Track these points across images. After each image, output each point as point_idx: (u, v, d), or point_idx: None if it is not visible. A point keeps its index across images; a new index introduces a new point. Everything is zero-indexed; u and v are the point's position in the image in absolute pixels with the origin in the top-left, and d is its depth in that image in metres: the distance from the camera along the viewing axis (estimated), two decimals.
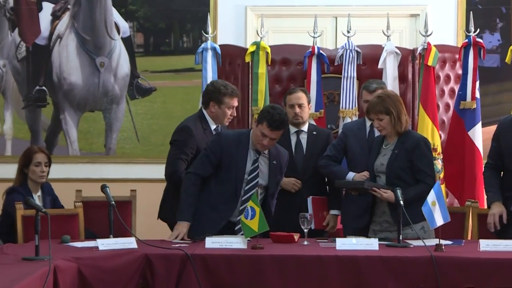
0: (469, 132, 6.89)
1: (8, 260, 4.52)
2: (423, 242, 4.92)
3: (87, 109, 8.36)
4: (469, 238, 5.82)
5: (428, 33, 6.94)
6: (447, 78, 7.19)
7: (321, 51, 6.90)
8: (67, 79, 8.31)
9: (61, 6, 8.31)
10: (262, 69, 6.88)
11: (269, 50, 6.92)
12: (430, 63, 6.80)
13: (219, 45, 7.12)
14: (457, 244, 5.19)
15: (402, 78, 6.98)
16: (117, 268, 4.72)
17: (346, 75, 6.84)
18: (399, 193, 5.16)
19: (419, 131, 6.61)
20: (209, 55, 6.97)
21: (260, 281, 4.73)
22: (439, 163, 6.76)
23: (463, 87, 6.90)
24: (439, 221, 4.94)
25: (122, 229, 5.38)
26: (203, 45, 7.04)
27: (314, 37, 6.97)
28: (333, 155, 6.02)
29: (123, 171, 8.20)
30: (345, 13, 7.23)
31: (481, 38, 7.46)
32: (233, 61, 7.16)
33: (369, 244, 4.95)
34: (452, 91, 7.18)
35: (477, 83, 6.90)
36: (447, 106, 7.18)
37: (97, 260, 4.70)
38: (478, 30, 7.01)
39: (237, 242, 4.98)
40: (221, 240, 5.00)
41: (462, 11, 8.12)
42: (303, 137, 6.17)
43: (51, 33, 8.31)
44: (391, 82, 6.79)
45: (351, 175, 5.86)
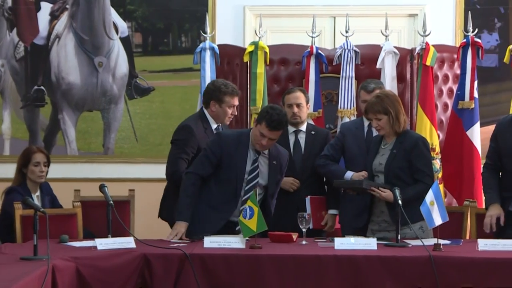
0: (467, 132, 6.89)
1: (6, 259, 4.51)
2: (422, 241, 4.92)
3: (86, 108, 8.35)
4: (467, 237, 5.83)
5: (427, 33, 6.94)
6: (446, 78, 7.19)
7: (319, 51, 6.90)
8: (66, 79, 8.31)
9: (59, 6, 8.30)
10: (261, 69, 6.87)
11: (267, 50, 6.91)
12: (428, 63, 6.80)
13: (218, 45, 7.11)
14: (455, 244, 5.19)
15: (401, 78, 6.98)
16: (115, 268, 4.72)
17: (344, 75, 6.84)
18: (398, 192, 5.17)
19: (417, 131, 6.61)
20: (208, 55, 6.97)
21: (259, 280, 4.73)
22: (437, 163, 6.76)
23: (462, 87, 6.90)
24: (438, 220, 4.94)
25: (120, 229, 5.38)
26: (201, 45, 7.03)
27: (312, 37, 6.98)
28: (331, 154, 6.02)
29: (121, 170, 8.19)
30: (344, 13, 7.22)
31: (479, 38, 7.45)
32: (232, 61, 7.16)
33: (367, 244, 4.95)
34: (451, 91, 7.18)
35: (475, 83, 6.90)
36: (446, 106, 7.18)
37: (96, 260, 4.70)
38: (477, 30, 7.01)
39: (235, 242, 4.97)
40: (219, 240, 5.00)
41: (461, 11, 8.13)
42: (302, 137, 6.16)
43: (50, 33, 8.30)
44: (389, 82, 6.80)
45: (349, 174, 5.86)
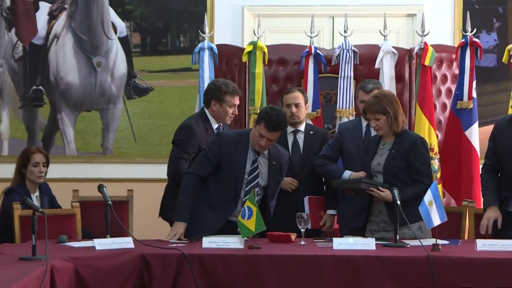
0: (466, 132, 6.89)
1: (5, 260, 4.51)
2: (420, 242, 4.92)
3: (84, 109, 8.35)
4: (466, 238, 5.83)
5: (425, 33, 6.94)
6: (444, 78, 7.20)
7: (318, 51, 6.90)
8: (64, 78, 8.30)
9: (58, 5, 8.30)
10: (259, 69, 6.87)
11: (266, 50, 6.91)
12: (427, 63, 6.80)
13: (216, 45, 7.11)
14: (454, 244, 5.19)
15: (399, 78, 6.98)
16: (114, 268, 4.72)
17: (343, 75, 6.84)
18: (396, 193, 5.16)
19: (416, 131, 6.61)
20: (206, 54, 6.96)
21: (257, 281, 4.73)
22: (436, 163, 6.76)
23: (460, 87, 6.90)
24: (436, 221, 4.94)
25: (119, 229, 5.37)
26: (200, 45, 7.03)
27: (311, 37, 6.97)
28: (329, 154, 6.00)
29: (120, 171, 8.19)
30: (342, 13, 7.22)
31: (478, 38, 7.46)
32: (230, 60, 7.16)
33: (366, 244, 4.94)
34: (449, 91, 7.18)
35: (474, 83, 6.90)
36: (444, 106, 7.18)
37: (94, 260, 4.70)
38: (475, 30, 7.02)
39: (234, 242, 4.97)
40: (218, 240, 4.99)
41: (459, 11, 8.12)
42: (300, 137, 6.16)
43: (48, 33, 8.30)
44: (388, 82, 6.80)
45: (347, 173, 5.84)
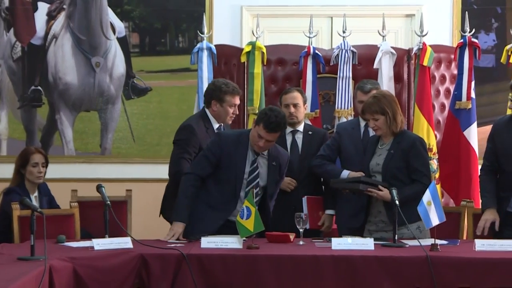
0: (464, 132, 6.89)
1: (3, 260, 4.51)
2: (419, 242, 4.92)
3: (83, 109, 8.35)
4: (464, 238, 5.83)
5: (424, 33, 6.94)
6: (443, 78, 7.20)
7: (316, 51, 6.91)
8: (63, 79, 8.30)
9: (56, 6, 8.30)
10: (258, 69, 6.88)
11: (264, 50, 6.92)
12: (425, 63, 6.80)
13: (215, 45, 7.11)
14: (452, 244, 5.19)
15: (398, 78, 6.99)
16: (112, 268, 4.71)
17: (341, 75, 6.85)
18: (395, 193, 5.16)
19: (414, 131, 6.61)
20: (205, 55, 6.97)
21: (256, 281, 4.73)
22: (434, 163, 6.76)
23: (459, 87, 6.91)
24: (435, 221, 4.94)
25: (117, 229, 5.38)
26: (198, 45, 7.04)
27: (309, 37, 6.97)
28: (327, 154, 6.00)
29: (118, 171, 8.18)
30: (341, 13, 7.23)
31: (477, 38, 7.46)
32: (229, 61, 7.16)
33: (364, 244, 4.94)
34: (448, 91, 7.18)
35: (473, 83, 6.90)
36: (443, 106, 7.18)
37: (93, 260, 4.70)
38: (474, 30, 7.02)
39: (232, 242, 4.97)
40: (216, 240, 4.99)
41: (458, 11, 8.13)
42: (299, 137, 6.16)
43: (47, 33, 8.29)
44: (386, 82, 6.80)
45: (345, 173, 5.83)
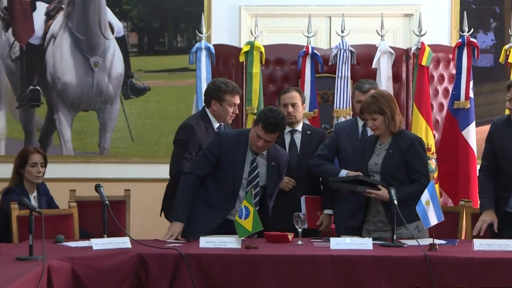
0: (463, 131, 6.89)
1: (2, 260, 4.51)
2: (417, 241, 4.92)
3: (81, 108, 8.34)
4: (463, 237, 5.83)
5: (422, 33, 6.94)
6: (441, 78, 7.20)
7: (315, 50, 6.91)
8: (61, 78, 8.30)
9: (55, 5, 8.29)
10: (256, 69, 6.88)
11: (263, 49, 6.92)
12: (424, 63, 6.80)
13: (213, 45, 7.11)
14: (451, 244, 5.19)
15: (396, 78, 6.98)
16: (111, 268, 4.72)
17: (340, 75, 6.85)
18: (393, 192, 5.16)
19: (413, 131, 6.61)
20: (203, 54, 6.96)
21: (254, 280, 4.73)
22: (433, 163, 6.76)
23: (457, 87, 6.91)
24: (433, 220, 4.94)
25: (116, 229, 5.37)
26: (197, 45, 7.03)
27: (308, 36, 6.97)
28: (325, 154, 6.00)
29: (117, 170, 8.18)
30: (339, 13, 7.23)
31: (475, 38, 7.46)
32: (227, 60, 7.15)
33: (363, 244, 4.95)
34: (446, 90, 7.19)
35: (471, 83, 6.90)
36: (441, 105, 7.18)
37: (91, 260, 4.70)
38: (472, 30, 7.02)
39: (231, 242, 4.97)
40: (215, 240, 4.99)
41: (456, 11, 8.13)
42: (297, 137, 6.16)
43: (45, 33, 8.29)
44: (385, 82, 6.80)
45: (343, 173, 5.83)
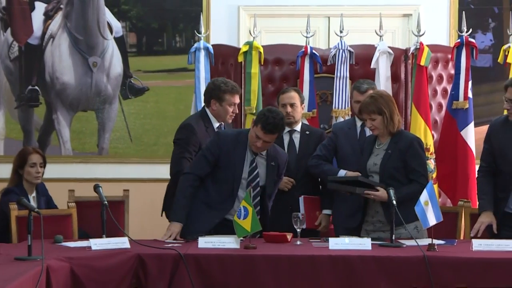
0: (461, 132, 6.89)
1: (1, 260, 4.50)
2: (416, 242, 4.92)
3: (80, 109, 8.34)
4: (461, 238, 5.83)
5: (421, 33, 6.94)
6: (440, 78, 7.20)
7: (313, 51, 6.90)
8: (60, 78, 8.30)
9: (53, 5, 8.29)
10: (255, 69, 6.88)
11: (261, 50, 6.92)
12: (422, 63, 6.80)
13: (212, 45, 7.11)
14: (449, 244, 5.19)
15: (395, 78, 6.98)
16: (110, 268, 4.72)
17: (339, 75, 6.85)
18: (392, 193, 5.16)
19: (411, 131, 6.61)
20: (202, 55, 6.96)
21: (253, 280, 4.73)
22: (431, 163, 6.76)
23: (456, 87, 6.91)
24: (432, 220, 4.94)
25: (115, 229, 5.38)
26: (195, 45, 7.03)
27: (306, 37, 6.97)
28: (323, 154, 5.99)
29: (116, 171, 8.18)
30: (338, 13, 7.22)
31: (474, 38, 7.46)
32: (226, 61, 7.15)
33: (362, 244, 4.95)
34: (445, 91, 7.19)
35: (470, 83, 6.90)
36: (440, 106, 7.19)
37: (90, 260, 4.70)
38: (471, 30, 7.02)
39: (230, 242, 4.97)
40: (214, 240, 4.99)
41: (455, 11, 8.13)
42: (296, 137, 6.16)
43: (44, 33, 8.29)
44: (383, 82, 6.80)
45: (342, 173, 5.83)
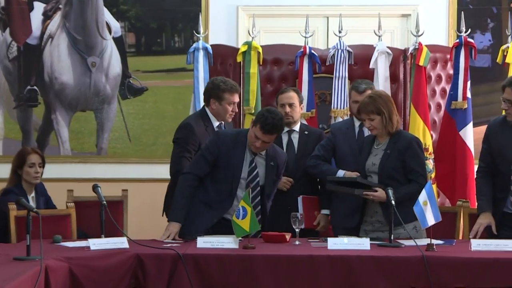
0: (460, 132, 6.89)
1: (0, 260, 4.51)
2: (415, 241, 4.93)
3: (79, 108, 8.34)
4: (460, 237, 5.83)
5: (420, 33, 6.94)
6: (439, 78, 7.20)
7: (312, 51, 6.90)
8: (59, 78, 8.29)
9: (52, 5, 8.29)
10: (254, 69, 6.87)
11: (260, 50, 6.91)
12: (421, 63, 6.80)
13: (211, 45, 7.11)
14: (448, 244, 5.19)
15: (394, 78, 6.98)
16: (108, 268, 4.71)
17: (337, 75, 6.85)
18: (391, 193, 5.17)
19: (410, 131, 6.61)
20: (201, 55, 6.96)
21: (252, 280, 4.73)
22: (430, 163, 6.76)
23: (455, 87, 6.91)
24: (431, 220, 4.95)
25: (113, 229, 5.37)
26: (194, 45, 7.03)
27: (305, 37, 6.98)
28: (322, 155, 5.98)
29: (114, 171, 8.18)
30: (337, 13, 7.22)
31: (472, 38, 7.45)
32: (225, 61, 7.15)
33: (360, 244, 4.95)
34: (444, 91, 7.19)
35: (468, 83, 6.91)
36: (439, 106, 7.19)
37: (89, 260, 4.70)
38: (469, 30, 7.02)
39: (228, 242, 4.97)
40: (212, 240, 4.99)
41: (453, 11, 8.13)
42: (295, 137, 6.16)
43: (43, 33, 8.29)
44: (382, 82, 6.80)
45: (341, 173, 5.82)
